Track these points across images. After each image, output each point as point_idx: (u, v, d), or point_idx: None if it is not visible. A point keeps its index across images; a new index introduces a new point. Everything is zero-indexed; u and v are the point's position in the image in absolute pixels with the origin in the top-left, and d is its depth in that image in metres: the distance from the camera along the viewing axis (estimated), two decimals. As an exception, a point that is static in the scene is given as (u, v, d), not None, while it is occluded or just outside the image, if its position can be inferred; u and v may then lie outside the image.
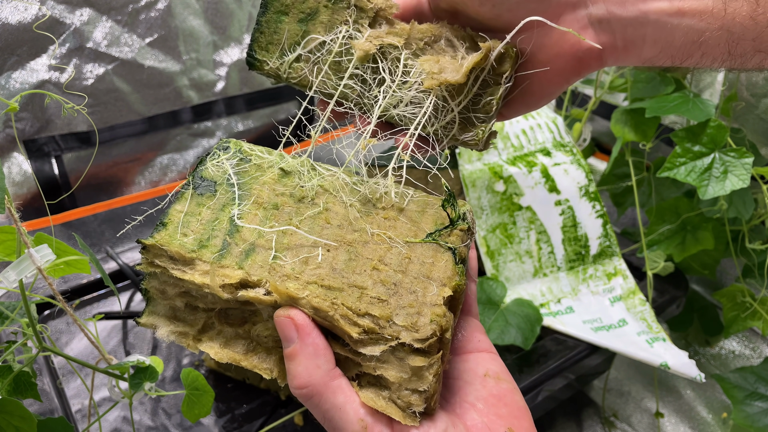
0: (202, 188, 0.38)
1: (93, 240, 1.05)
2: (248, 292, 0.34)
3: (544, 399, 0.75)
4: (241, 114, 1.16)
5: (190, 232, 0.36)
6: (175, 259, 0.35)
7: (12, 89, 0.89)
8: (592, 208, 0.90)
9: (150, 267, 0.35)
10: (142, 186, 1.12)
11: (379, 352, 0.33)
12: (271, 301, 0.34)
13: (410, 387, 0.33)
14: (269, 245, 0.35)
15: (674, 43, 0.36)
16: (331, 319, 0.33)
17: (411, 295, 0.34)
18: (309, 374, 0.32)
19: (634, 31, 0.36)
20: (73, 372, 0.75)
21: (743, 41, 0.34)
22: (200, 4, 1.01)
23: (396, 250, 0.36)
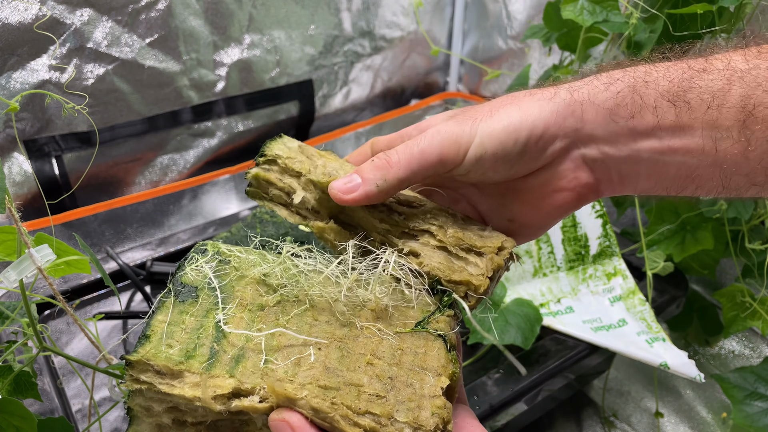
0: (183, 295, 0.37)
1: (93, 240, 1.05)
2: (242, 402, 0.33)
3: (543, 399, 0.75)
4: (241, 114, 1.16)
5: (175, 343, 0.34)
6: (162, 373, 0.34)
7: (12, 89, 0.89)
8: (592, 208, 0.90)
9: (136, 384, 0.34)
10: (143, 186, 1.12)
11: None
12: (266, 408, 0.33)
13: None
14: (259, 349, 0.34)
15: (668, 177, 0.37)
16: (331, 420, 0.32)
17: (408, 389, 0.33)
18: None
19: (629, 167, 0.37)
20: (74, 372, 0.75)
21: (736, 176, 0.35)
22: (200, 5, 1.01)
23: (387, 342, 0.36)
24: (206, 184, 1.15)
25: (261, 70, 1.14)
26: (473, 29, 1.35)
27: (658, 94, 0.35)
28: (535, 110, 0.37)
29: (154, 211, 1.12)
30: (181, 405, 0.34)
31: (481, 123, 0.37)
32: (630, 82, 0.35)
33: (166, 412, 0.35)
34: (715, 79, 0.34)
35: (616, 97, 0.36)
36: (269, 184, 0.42)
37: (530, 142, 0.37)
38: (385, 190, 0.37)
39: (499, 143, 0.36)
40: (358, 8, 1.21)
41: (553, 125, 0.37)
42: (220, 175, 1.16)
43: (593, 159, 0.38)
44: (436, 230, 0.39)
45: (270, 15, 1.10)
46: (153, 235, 1.11)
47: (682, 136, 0.35)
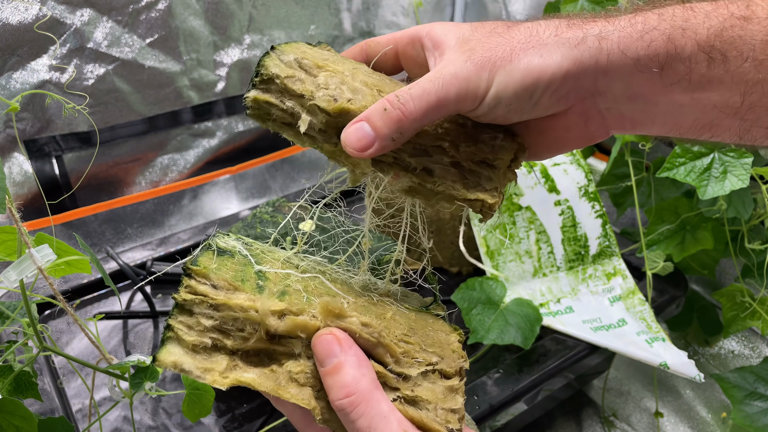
0: (221, 252, 0.39)
1: (93, 240, 1.05)
2: (296, 318, 0.35)
3: (543, 398, 0.76)
4: (242, 114, 1.16)
5: (225, 273, 0.36)
6: (218, 287, 0.35)
7: (13, 89, 0.89)
8: (592, 208, 0.90)
9: (191, 295, 0.35)
10: (143, 186, 1.12)
11: (416, 373, 0.35)
12: (315, 327, 0.35)
13: (445, 406, 0.35)
14: (299, 291, 0.37)
15: (684, 125, 0.35)
16: (378, 334, 0.35)
17: (428, 336, 0.38)
18: (356, 382, 0.33)
19: (644, 116, 0.36)
20: (74, 372, 0.75)
21: (756, 128, 0.34)
22: (200, 5, 1.01)
23: (401, 311, 0.40)
24: (206, 184, 1.15)
25: (261, 70, 1.14)
26: (473, 29, 1.35)
27: (695, 44, 0.32)
28: (557, 58, 0.34)
29: (155, 211, 1.12)
30: (227, 324, 0.35)
31: (500, 71, 0.34)
32: (666, 30, 0.33)
33: (211, 330, 0.35)
34: (757, 31, 0.31)
35: (648, 48, 0.33)
36: (270, 106, 0.39)
37: (545, 95, 0.35)
38: (400, 140, 0.36)
39: (514, 96, 0.35)
40: (358, 8, 1.21)
41: (572, 78, 0.34)
42: (220, 175, 1.16)
43: (608, 108, 0.37)
44: (448, 147, 0.38)
45: (270, 15, 1.10)
46: (153, 235, 1.11)
47: (710, 89, 0.33)
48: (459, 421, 0.35)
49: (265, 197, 1.21)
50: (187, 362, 0.35)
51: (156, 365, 0.35)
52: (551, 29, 0.35)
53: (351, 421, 0.32)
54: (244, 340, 0.35)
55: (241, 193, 1.20)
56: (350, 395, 0.32)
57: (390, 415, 0.33)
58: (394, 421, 0.32)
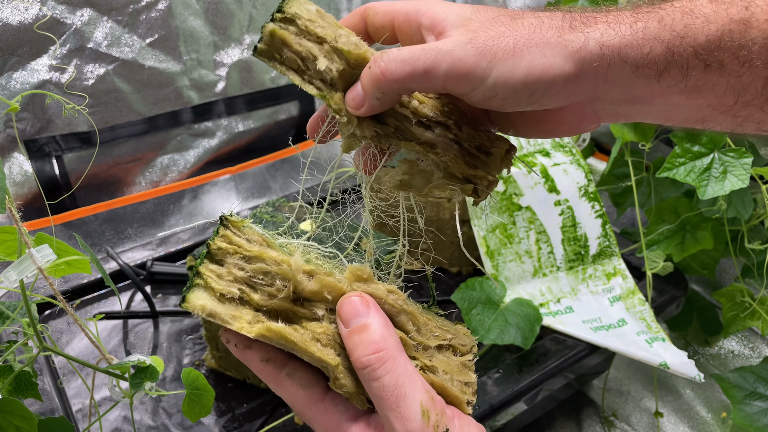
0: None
1: (93, 240, 1.05)
2: (325, 278, 0.36)
3: (543, 398, 0.76)
4: (242, 114, 1.16)
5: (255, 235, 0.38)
6: (252, 240, 0.37)
7: (13, 89, 0.89)
8: (592, 208, 0.90)
9: (227, 244, 0.36)
10: (143, 186, 1.12)
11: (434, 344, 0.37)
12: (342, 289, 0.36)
13: (460, 379, 0.37)
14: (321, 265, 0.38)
15: (677, 119, 0.36)
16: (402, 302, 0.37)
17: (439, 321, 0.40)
18: (385, 339, 0.34)
19: (638, 114, 0.37)
20: (74, 372, 0.75)
21: (748, 122, 0.34)
22: (201, 5, 1.01)
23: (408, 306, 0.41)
24: (206, 184, 1.15)
25: (261, 70, 1.14)
26: (473, 29, 1.35)
27: (692, 52, 0.32)
28: (559, 61, 0.34)
29: (155, 211, 1.12)
30: (257, 277, 0.36)
31: (500, 63, 0.34)
32: (666, 38, 0.33)
33: (239, 282, 0.35)
34: (756, 37, 0.31)
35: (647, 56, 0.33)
36: (284, 45, 0.38)
37: (545, 96, 0.35)
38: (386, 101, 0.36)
39: (512, 92, 0.34)
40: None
41: (573, 82, 0.34)
42: (220, 175, 1.16)
43: (603, 108, 0.37)
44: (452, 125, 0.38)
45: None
46: (153, 235, 1.11)
47: (706, 92, 0.33)
48: (473, 395, 0.37)
49: (265, 197, 1.21)
50: (216, 307, 0.35)
51: (184, 306, 0.34)
52: (554, 29, 0.34)
53: (376, 378, 0.32)
54: (270, 297, 0.36)
55: (241, 193, 1.20)
56: (378, 351, 0.33)
57: (415, 375, 0.33)
58: (419, 381, 0.33)
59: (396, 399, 0.32)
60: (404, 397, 0.32)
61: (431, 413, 0.32)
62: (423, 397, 0.32)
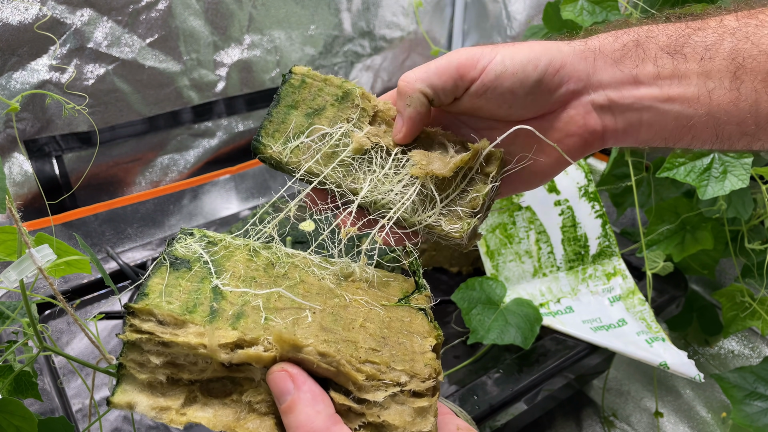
0: (177, 265, 0.37)
1: (93, 240, 1.05)
2: (248, 351, 0.33)
3: (543, 398, 0.76)
4: (242, 114, 1.16)
5: (174, 301, 0.35)
6: (164, 323, 0.34)
7: (13, 89, 0.89)
8: (592, 208, 0.90)
9: (136, 334, 0.34)
10: (143, 186, 1.12)
11: (382, 397, 0.34)
12: (270, 358, 0.33)
13: (414, 430, 0.33)
14: (258, 309, 0.36)
15: (667, 127, 0.40)
16: (337, 364, 0.33)
17: (400, 346, 0.36)
18: (311, 421, 0.32)
19: (632, 115, 0.41)
20: (74, 371, 0.75)
21: (728, 125, 0.38)
22: (200, 5, 1.01)
23: (375, 312, 0.39)
24: (206, 184, 1.15)
25: (261, 70, 1.14)
26: (473, 29, 1.35)
27: (658, 47, 0.39)
28: (554, 48, 0.40)
29: (155, 211, 1.12)
30: (179, 359, 0.34)
31: (503, 48, 0.40)
32: (634, 37, 0.40)
33: (163, 367, 0.34)
34: (708, 35, 0.38)
35: (622, 49, 0.40)
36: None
37: (548, 72, 0.40)
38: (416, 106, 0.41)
39: (520, 65, 0.39)
40: (358, 8, 1.21)
41: (569, 65, 0.40)
42: (220, 175, 1.16)
43: (600, 105, 0.41)
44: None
45: (270, 15, 1.10)
46: (153, 235, 1.11)
47: (679, 85, 0.39)
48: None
49: (265, 197, 1.21)
50: (142, 402, 0.34)
51: (111, 407, 0.34)
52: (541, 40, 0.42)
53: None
54: (201, 372, 0.34)
55: (241, 193, 1.20)
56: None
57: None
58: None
59: None
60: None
61: None
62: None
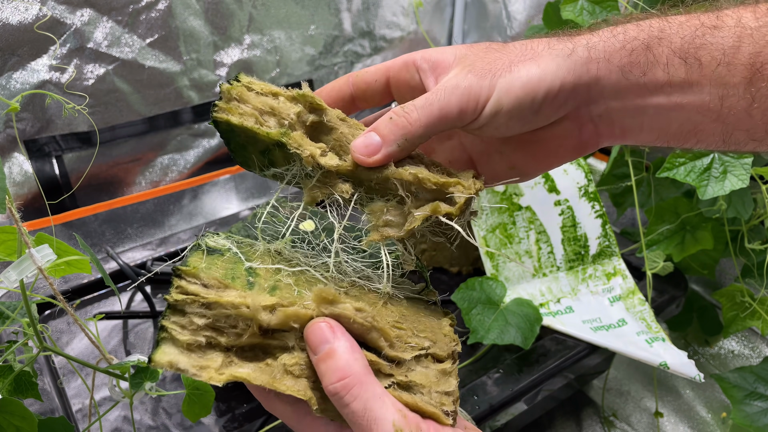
0: (211, 251, 0.39)
1: (93, 240, 1.05)
2: (287, 309, 0.35)
3: (543, 398, 0.76)
4: (242, 114, 1.16)
5: (216, 272, 0.37)
6: (208, 286, 0.36)
7: (13, 89, 0.89)
8: (592, 208, 0.90)
9: (182, 295, 0.35)
10: (143, 186, 1.12)
11: (409, 357, 0.36)
12: (308, 316, 0.35)
13: (439, 389, 0.36)
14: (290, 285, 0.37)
15: (670, 131, 0.38)
16: (372, 318, 0.36)
17: (419, 322, 0.39)
18: (349, 366, 0.33)
19: (633, 121, 0.38)
20: (74, 372, 0.75)
21: (738, 131, 0.36)
22: (200, 5, 1.01)
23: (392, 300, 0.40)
24: (206, 184, 1.15)
25: (261, 71, 1.14)
26: (473, 29, 1.35)
27: (670, 51, 0.35)
28: (552, 67, 0.37)
29: (155, 211, 1.12)
30: (220, 321, 0.35)
31: (500, 79, 0.37)
32: (644, 39, 0.36)
33: (204, 329, 0.35)
34: (725, 37, 0.34)
35: (630, 55, 0.36)
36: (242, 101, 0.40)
37: (546, 101, 0.37)
38: (406, 148, 0.38)
39: (516, 100, 0.37)
40: (358, 8, 1.21)
41: (569, 85, 0.37)
42: (220, 175, 1.16)
43: (599, 115, 0.39)
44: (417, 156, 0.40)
45: (270, 15, 1.10)
46: (153, 235, 1.11)
47: (690, 92, 0.35)
48: (453, 403, 0.36)
49: (265, 197, 1.21)
50: (182, 361, 0.34)
51: (152, 366, 0.35)
52: (543, 44, 0.38)
53: (345, 404, 0.33)
54: (238, 336, 0.35)
55: (241, 193, 1.20)
56: (344, 378, 0.33)
57: (384, 397, 0.33)
58: (389, 402, 0.33)
59: (368, 423, 0.32)
60: (375, 420, 0.32)
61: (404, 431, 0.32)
62: (395, 417, 0.32)
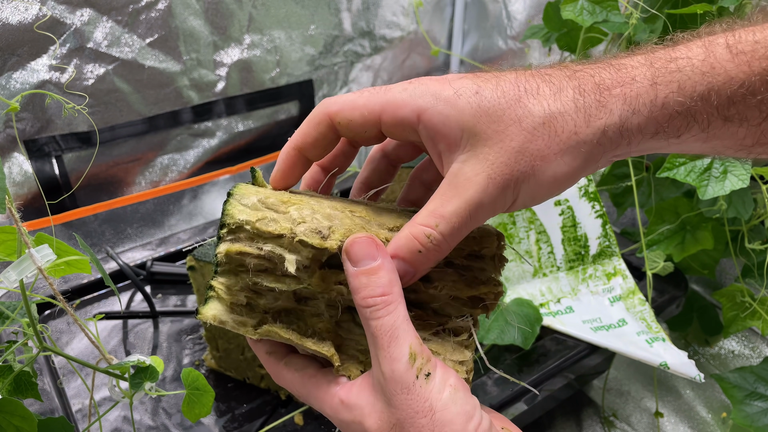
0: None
1: (93, 240, 1.05)
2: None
3: (543, 398, 0.76)
4: (242, 114, 1.16)
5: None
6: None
7: (12, 89, 0.89)
8: (592, 208, 0.90)
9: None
10: (143, 186, 1.12)
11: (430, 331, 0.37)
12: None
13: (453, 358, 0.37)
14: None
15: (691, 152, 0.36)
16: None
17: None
18: (391, 284, 0.34)
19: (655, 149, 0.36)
20: (74, 372, 0.75)
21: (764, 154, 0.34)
22: (200, 5, 1.01)
23: None
24: (206, 184, 1.15)
25: (261, 70, 1.14)
26: (473, 29, 1.35)
27: (714, 110, 0.32)
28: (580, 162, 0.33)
29: (154, 211, 1.12)
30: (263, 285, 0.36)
31: (523, 185, 0.33)
32: (688, 106, 0.32)
33: (244, 290, 0.37)
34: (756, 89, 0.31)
35: (668, 124, 0.32)
36: (244, 256, 0.36)
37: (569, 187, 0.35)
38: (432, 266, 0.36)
39: (540, 200, 0.35)
40: (358, 8, 1.21)
41: (593, 167, 0.34)
42: (220, 175, 1.16)
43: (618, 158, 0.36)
44: None
45: (270, 15, 1.10)
46: (153, 235, 1.11)
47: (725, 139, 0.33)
48: (467, 372, 0.36)
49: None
50: (225, 317, 0.37)
51: (198, 317, 0.38)
52: (569, 126, 0.33)
53: (378, 317, 0.33)
54: (275, 300, 0.37)
55: (241, 193, 1.20)
56: (385, 295, 0.33)
57: (410, 323, 0.34)
58: (412, 329, 0.34)
59: (389, 339, 0.33)
60: (396, 339, 0.33)
61: (418, 357, 0.33)
62: (413, 342, 0.33)
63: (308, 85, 1.21)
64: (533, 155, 0.33)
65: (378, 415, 0.34)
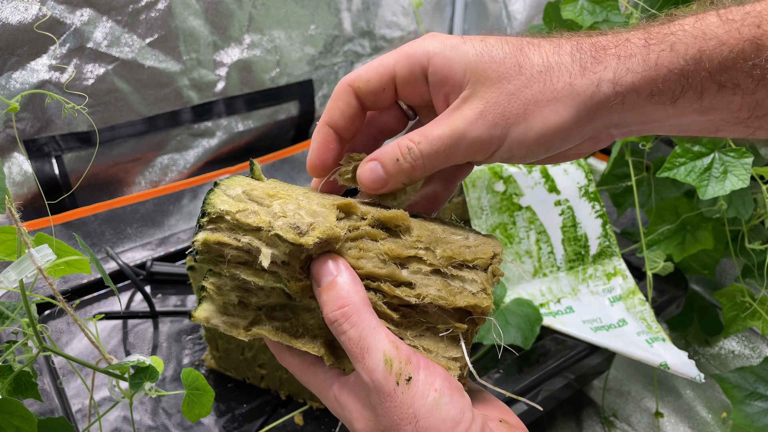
0: None
1: (93, 240, 1.05)
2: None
3: (543, 399, 0.75)
4: (241, 114, 1.16)
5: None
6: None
7: (12, 89, 0.89)
8: (592, 208, 0.90)
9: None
10: (143, 186, 1.12)
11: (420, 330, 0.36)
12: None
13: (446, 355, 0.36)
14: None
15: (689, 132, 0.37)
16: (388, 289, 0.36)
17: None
18: (350, 296, 0.34)
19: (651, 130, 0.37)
20: (74, 372, 0.75)
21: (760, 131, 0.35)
22: (200, 5, 1.01)
23: None
24: (206, 184, 1.15)
25: (261, 70, 1.14)
26: (473, 29, 1.35)
27: (706, 75, 0.32)
28: (572, 113, 0.34)
29: (154, 211, 1.12)
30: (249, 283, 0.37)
31: (513, 127, 0.35)
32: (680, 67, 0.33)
33: (235, 290, 0.38)
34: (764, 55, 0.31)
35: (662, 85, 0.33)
36: (223, 246, 0.36)
37: (562, 145, 0.36)
38: (409, 184, 0.39)
39: (528, 150, 0.36)
40: (358, 8, 1.21)
41: (588, 125, 0.35)
42: (220, 175, 1.16)
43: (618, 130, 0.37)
44: (424, 254, 0.36)
45: (270, 15, 1.10)
46: (153, 235, 1.11)
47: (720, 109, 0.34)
48: (461, 369, 0.35)
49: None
50: (216, 318, 0.39)
51: (192, 321, 0.39)
52: (564, 76, 0.34)
53: (343, 331, 0.34)
54: (267, 297, 0.38)
55: (241, 193, 1.20)
56: (343, 307, 0.34)
57: (379, 328, 0.34)
58: (383, 333, 0.34)
59: (361, 351, 0.34)
60: (368, 349, 0.33)
61: (394, 362, 0.33)
62: (386, 347, 0.33)
63: (308, 85, 1.21)
64: (527, 99, 0.34)
65: (365, 422, 0.35)
